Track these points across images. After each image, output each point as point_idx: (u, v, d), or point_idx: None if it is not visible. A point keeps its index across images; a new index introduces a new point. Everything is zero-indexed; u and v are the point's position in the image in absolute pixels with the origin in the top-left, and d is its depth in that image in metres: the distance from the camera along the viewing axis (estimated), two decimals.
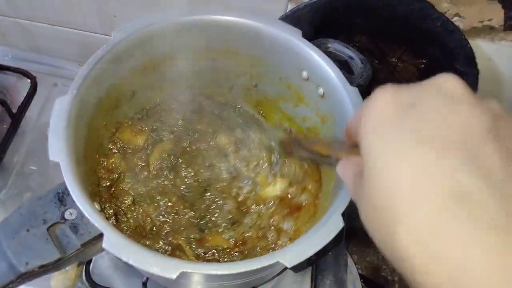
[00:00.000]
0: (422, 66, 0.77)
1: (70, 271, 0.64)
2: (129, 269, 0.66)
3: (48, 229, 0.44)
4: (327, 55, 0.58)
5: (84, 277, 0.65)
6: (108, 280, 0.66)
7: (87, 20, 0.83)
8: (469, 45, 0.70)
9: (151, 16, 0.56)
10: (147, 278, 0.64)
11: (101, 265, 0.67)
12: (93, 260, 0.66)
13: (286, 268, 0.42)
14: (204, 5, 0.75)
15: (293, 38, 0.57)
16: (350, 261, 0.74)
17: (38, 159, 0.76)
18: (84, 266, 0.65)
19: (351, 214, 0.45)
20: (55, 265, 0.44)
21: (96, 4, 0.79)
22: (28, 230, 0.44)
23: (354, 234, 1.71)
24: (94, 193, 0.57)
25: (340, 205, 0.45)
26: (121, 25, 0.81)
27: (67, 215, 0.45)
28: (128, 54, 0.55)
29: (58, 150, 0.44)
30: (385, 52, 0.77)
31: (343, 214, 0.45)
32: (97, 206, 0.46)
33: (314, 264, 0.68)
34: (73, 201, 0.43)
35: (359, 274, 0.79)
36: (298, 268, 0.68)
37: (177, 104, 0.68)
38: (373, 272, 1.70)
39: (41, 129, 0.80)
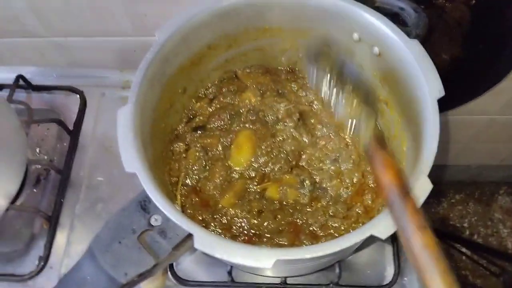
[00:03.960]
0: (473, 1, 0.72)
1: None
2: (212, 261, 0.67)
3: (138, 238, 0.45)
4: (375, 10, 0.54)
5: (170, 275, 0.67)
6: (193, 274, 0.67)
7: (119, 24, 0.83)
8: None
9: (188, 10, 0.55)
10: (231, 267, 0.65)
11: (183, 261, 0.68)
12: None
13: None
14: None
15: (338, 1, 0.54)
16: None
17: (103, 169, 0.78)
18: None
19: None
20: (151, 271, 0.45)
21: (125, 7, 0.79)
22: (120, 242, 0.45)
23: None
24: (168, 195, 0.57)
25: (425, 167, 0.43)
26: (154, 23, 0.81)
27: (152, 221, 0.46)
28: (174, 53, 0.55)
29: (132, 160, 0.45)
30: None
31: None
32: (178, 208, 0.47)
33: None
34: (156, 207, 0.44)
35: None
36: None
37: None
38: (441, 223, 1.66)
39: (99, 140, 0.82)
